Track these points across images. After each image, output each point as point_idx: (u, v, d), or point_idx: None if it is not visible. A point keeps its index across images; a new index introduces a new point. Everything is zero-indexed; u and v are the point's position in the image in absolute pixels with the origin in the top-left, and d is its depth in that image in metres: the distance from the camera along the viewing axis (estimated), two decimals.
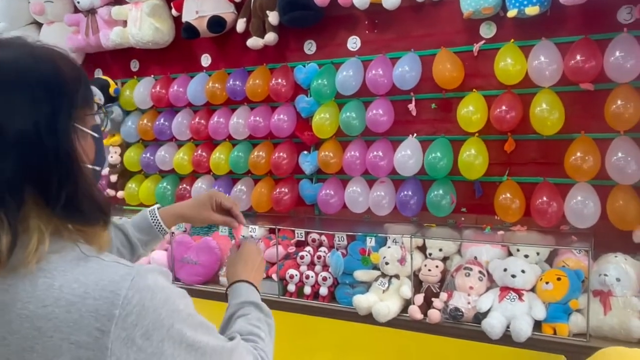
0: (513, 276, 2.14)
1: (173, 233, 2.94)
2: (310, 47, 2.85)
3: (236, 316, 1.15)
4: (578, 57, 2.12)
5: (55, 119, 0.81)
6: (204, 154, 3.03)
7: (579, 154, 2.18)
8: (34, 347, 0.75)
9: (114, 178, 3.37)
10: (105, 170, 3.39)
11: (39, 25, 3.56)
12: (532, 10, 2.17)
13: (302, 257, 2.56)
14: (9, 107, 0.78)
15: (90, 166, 0.89)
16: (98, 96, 3.19)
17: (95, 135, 0.91)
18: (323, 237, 2.64)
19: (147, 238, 1.44)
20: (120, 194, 3.36)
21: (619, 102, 2.08)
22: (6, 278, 0.77)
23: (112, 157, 3.37)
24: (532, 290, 2.15)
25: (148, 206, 3.25)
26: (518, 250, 2.27)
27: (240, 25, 2.87)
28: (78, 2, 3.28)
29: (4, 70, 0.80)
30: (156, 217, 1.45)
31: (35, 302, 0.76)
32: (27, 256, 0.77)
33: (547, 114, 2.19)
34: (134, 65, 3.44)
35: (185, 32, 2.97)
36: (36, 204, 0.80)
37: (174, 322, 0.80)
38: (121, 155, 3.37)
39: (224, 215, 1.53)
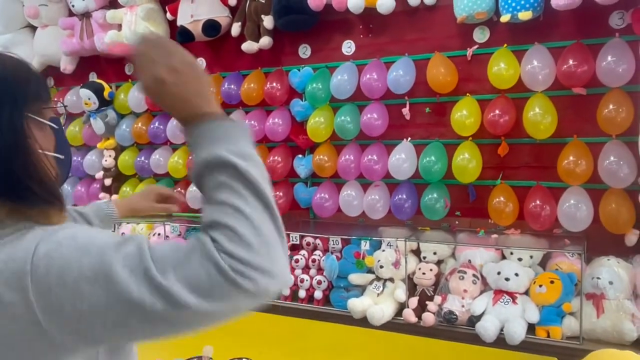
0: (507, 279, 2.15)
1: (168, 236, 2.94)
2: (305, 51, 2.86)
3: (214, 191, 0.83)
4: (570, 62, 2.14)
5: (1, 115, 0.85)
6: None
7: (571, 157, 2.19)
8: None
9: (108, 182, 3.36)
10: (99, 174, 3.38)
11: (34, 28, 3.56)
12: (525, 15, 2.19)
13: (296, 261, 2.57)
14: None
15: (50, 154, 0.93)
16: (89, 98, 3.20)
17: (54, 125, 0.95)
18: (318, 241, 2.64)
19: (103, 225, 1.57)
20: (114, 197, 3.35)
21: (611, 106, 2.10)
22: None
23: (106, 160, 3.36)
24: (526, 293, 2.16)
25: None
26: (512, 253, 2.28)
27: (235, 29, 2.87)
28: (73, 6, 3.28)
29: None
30: (111, 207, 1.60)
31: None
32: None
33: (540, 118, 2.21)
34: (129, 69, 3.43)
35: (180, 35, 2.97)
36: None
37: (82, 257, 0.77)
38: (115, 158, 3.36)
39: (163, 204, 1.71)
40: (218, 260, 0.74)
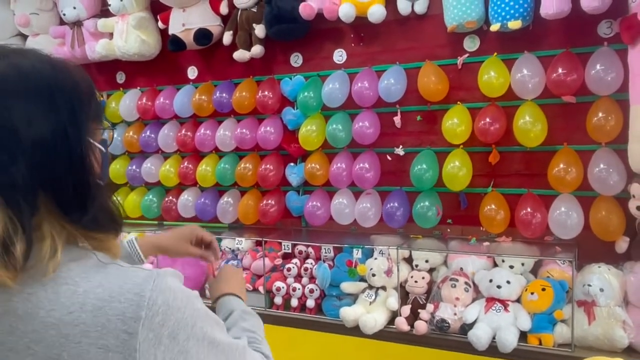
0: (498, 287, 2.15)
1: None
2: (296, 59, 2.87)
3: (230, 325, 1.17)
4: (560, 70, 2.16)
5: (73, 128, 0.81)
6: (190, 166, 3.02)
7: (562, 165, 2.21)
8: (61, 355, 0.74)
9: None
10: None
11: (24, 37, 3.54)
12: (514, 24, 2.20)
13: (288, 269, 2.56)
14: (26, 113, 0.77)
15: (98, 181, 0.88)
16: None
17: (103, 149, 0.91)
18: (310, 249, 2.64)
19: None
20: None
21: (600, 114, 2.11)
22: (25, 287, 0.76)
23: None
24: (518, 300, 2.16)
25: (133, 219, 3.25)
26: (503, 261, 2.29)
27: (227, 38, 2.88)
28: (64, 15, 3.27)
29: (23, 77, 0.79)
30: (134, 247, 1.47)
31: (60, 309, 0.75)
32: (42, 262, 0.77)
33: (530, 126, 2.22)
34: (120, 78, 3.43)
35: (171, 44, 2.98)
36: (49, 211, 0.80)
37: (196, 321, 0.82)
38: None
39: (201, 250, 1.56)
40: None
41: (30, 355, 0.75)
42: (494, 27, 2.27)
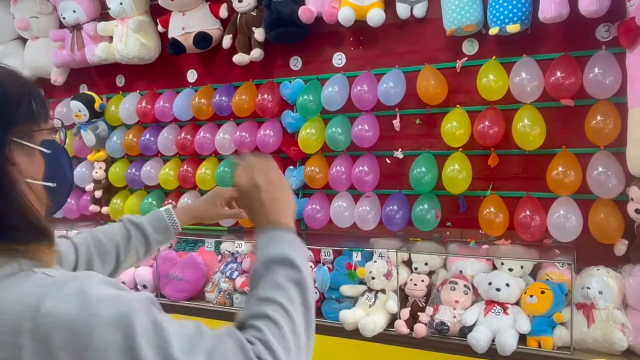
0: (498, 290, 2.15)
1: (158, 249, 2.92)
2: (296, 63, 2.87)
3: (258, 279, 0.89)
4: (558, 74, 2.17)
5: None
6: (189, 169, 3.02)
7: (560, 168, 2.21)
8: None
9: (98, 194, 3.35)
10: (90, 186, 3.36)
11: (24, 40, 3.55)
12: (513, 28, 2.21)
13: None
14: None
15: (38, 182, 0.85)
16: (79, 110, 3.19)
17: (45, 150, 0.86)
18: (309, 252, 2.64)
19: (162, 237, 1.42)
20: (105, 209, 3.34)
21: (598, 117, 2.12)
22: None
23: (96, 172, 3.35)
24: (517, 303, 2.17)
25: None
26: (502, 264, 2.29)
27: (227, 42, 2.89)
28: (63, 18, 3.28)
29: None
30: (173, 217, 1.42)
31: None
32: None
33: (529, 129, 2.23)
34: (120, 81, 3.43)
35: (171, 47, 2.98)
36: None
37: (94, 328, 0.69)
38: (106, 170, 3.35)
39: (232, 209, 1.49)
40: (248, 351, 0.75)
41: None
42: (493, 30, 2.28)
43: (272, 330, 0.79)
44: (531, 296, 2.10)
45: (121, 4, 3.05)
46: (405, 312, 2.26)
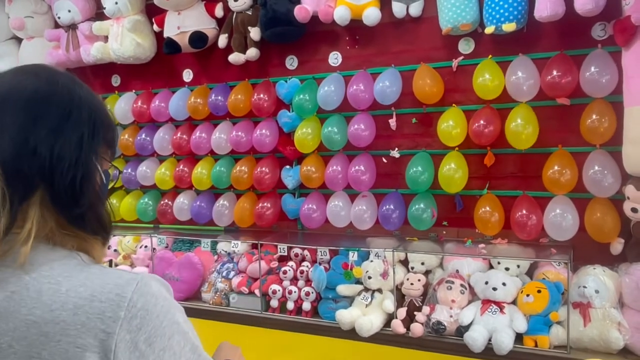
0: (494, 289, 2.15)
1: (155, 249, 2.92)
2: (292, 62, 2.87)
3: None
4: (554, 73, 2.17)
5: (89, 138, 0.89)
6: (185, 169, 3.02)
7: (556, 167, 2.21)
8: (41, 354, 0.75)
9: None
10: None
11: (19, 40, 3.54)
12: (509, 27, 2.21)
13: (284, 272, 2.56)
14: (55, 119, 0.86)
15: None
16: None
17: (103, 177, 0.95)
18: (306, 252, 2.64)
19: None
20: None
21: (594, 116, 2.12)
22: (8, 284, 0.78)
23: None
24: (513, 302, 2.17)
25: (129, 222, 3.25)
26: (499, 263, 2.29)
27: (222, 41, 2.88)
28: (59, 18, 3.27)
29: (68, 93, 0.89)
30: None
31: (41, 307, 0.77)
32: (15, 247, 0.79)
33: (524, 128, 2.22)
34: (115, 81, 3.43)
35: (166, 47, 2.98)
36: (42, 200, 0.83)
37: (174, 334, 0.82)
38: None
39: None
40: None
41: (13, 353, 0.76)
42: (489, 29, 2.27)
43: None
44: (528, 295, 2.10)
45: (116, 3, 3.04)
46: (402, 312, 2.26)
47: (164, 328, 0.80)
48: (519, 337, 2.06)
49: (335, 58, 2.76)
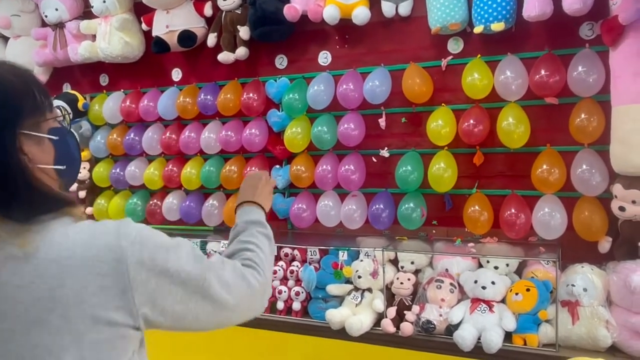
0: (483, 288, 2.16)
1: None
2: (281, 61, 2.86)
3: (233, 236, 1.29)
4: (542, 72, 2.18)
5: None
6: (175, 168, 3.00)
7: (545, 166, 2.22)
8: (65, 282, 0.87)
9: (82, 194, 3.31)
10: (74, 187, 3.32)
11: (6, 39, 3.50)
12: (497, 27, 2.22)
13: (274, 272, 2.55)
14: None
15: (50, 167, 0.98)
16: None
17: (53, 137, 0.99)
18: (296, 252, 2.63)
19: None
20: (89, 210, 3.30)
21: (582, 115, 2.13)
22: (17, 237, 0.89)
23: (80, 172, 3.30)
24: (503, 301, 2.17)
25: None
26: (488, 262, 2.30)
27: (211, 40, 2.87)
28: (46, 16, 3.23)
29: None
30: None
31: (57, 248, 0.89)
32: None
33: (513, 127, 2.23)
34: (104, 80, 3.40)
35: (155, 46, 2.96)
36: None
37: (168, 248, 0.98)
38: (90, 170, 3.31)
39: None
40: (241, 269, 1.12)
41: (34, 289, 0.87)
42: (478, 29, 2.28)
43: (253, 256, 1.19)
44: (516, 294, 2.11)
45: (104, 2, 3.01)
46: (392, 311, 2.26)
47: (159, 246, 0.96)
48: (508, 336, 2.07)
49: (324, 57, 2.75)
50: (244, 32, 2.76)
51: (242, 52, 2.80)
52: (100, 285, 0.88)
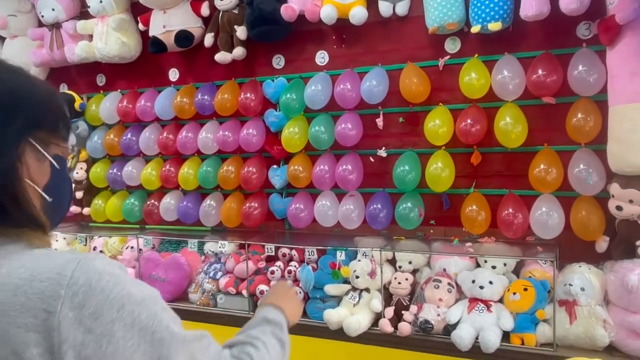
0: (481, 287, 2.16)
1: (141, 250, 2.89)
2: (278, 61, 2.86)
3: (250, 326, 1.16)
4: (540, 72, 2.18)
5: (5, 129, 0.84)
6: (172, 169, 2.99)
7: (542, 166, 2.22)
8: None
9: (79, 195, 3.30)
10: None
11: (2, 39, 3.49)
12: (494, 26, 2.22)
13: (272, 272, 2.55)
14: None
15: (37, 189, 0.89)
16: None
17: (54, 163, 0.92)
18: (293, 252, 2.63)
19: None
20: (86, 210, 3.29)
21: (579, 115, 2.13)
22: None
23: (77, 173, 3.30)
24: (500, 301, 2.17)
25: (115, 223, 3.22)
26: (486, 261, 2.30)
27: (208, 40, 2.86)
28: (42, 16, 3.22)
29: None
30: None
31: None
32: None
33: (511, 127, 2.23)
34: (100, 80, 3.39)
35: (152, 46, 2.95)
36: None
37: (125, 305, 0.79)
38: (87, 171, 3.30)
39: None
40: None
41: None
42: (475, 28, 2.28)
43: (254, 353, 1.02)
44: (514, 293, 2.11)
45: (101, 2, 3.01)
46: (390, 311, 2.26)
47: (111, 301, 0.78)
48: (505, 335, 2.07)
49: (322, 57, 2.75)
50: (241, 32, 2.76)
51: (239, 52, 2.79)
52: (22, 341, 0.74)
